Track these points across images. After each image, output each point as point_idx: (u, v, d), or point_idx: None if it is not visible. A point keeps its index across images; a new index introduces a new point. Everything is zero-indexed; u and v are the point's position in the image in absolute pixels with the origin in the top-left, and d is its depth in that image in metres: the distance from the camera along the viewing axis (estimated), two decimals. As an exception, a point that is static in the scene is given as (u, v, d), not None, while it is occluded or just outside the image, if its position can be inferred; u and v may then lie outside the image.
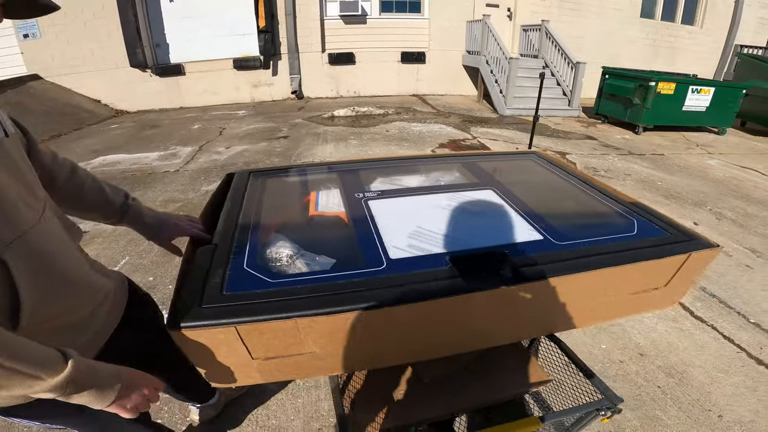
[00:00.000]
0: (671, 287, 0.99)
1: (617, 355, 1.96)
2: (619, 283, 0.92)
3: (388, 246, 0.92)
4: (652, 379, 1.83)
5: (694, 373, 1.87)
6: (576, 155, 5.11)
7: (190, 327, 0.70)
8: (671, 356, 1.96)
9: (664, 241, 0.96)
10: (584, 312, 0.98)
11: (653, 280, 0.96)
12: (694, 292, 2.45)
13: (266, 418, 1.59)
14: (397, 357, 0.87)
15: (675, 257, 0.91)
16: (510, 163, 1.61)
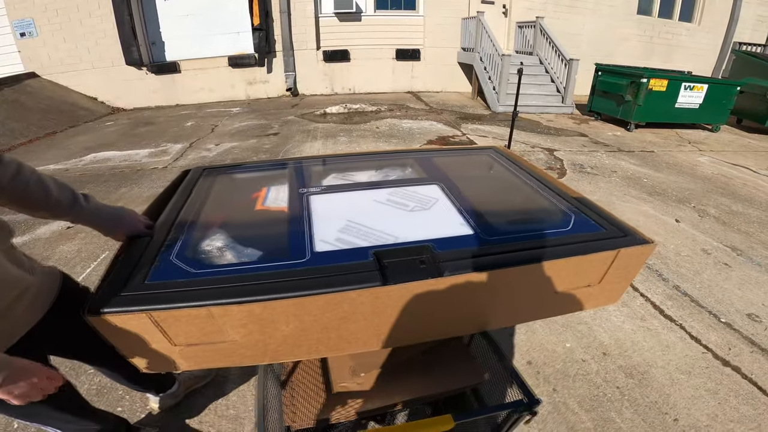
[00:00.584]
0: (606, 284, 1.00)
1: (580, 353, 1.97)
2: (548, 280, 0.94)
3: (316, 240, 0.94)
4: (611, 379, 1.82)
5: (655, 374, 1.85)
6: (564, 152, 5.11)
7: (105, 313, 0.73)
8: (635, 356, 1.96)
9: (596, 237, 0.98)
10: (514, 309, 1.00)
11: (584, 277, 0.98)
12: (666, 290, 2.45)
13: (225, 408, 1.62)
14: (318, 348, 0.89)
15: (604, 253, 0.93)
16: (466, 158, 1.63)
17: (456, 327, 0.99)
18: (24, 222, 3.25)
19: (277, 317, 0.80)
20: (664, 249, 2.90)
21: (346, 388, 1.10)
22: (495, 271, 0.85)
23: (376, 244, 0.93)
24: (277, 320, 0.80)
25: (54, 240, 2.94)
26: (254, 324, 0.80)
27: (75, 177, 4.26)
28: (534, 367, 1.88)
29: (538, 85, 7.78)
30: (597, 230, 1.01)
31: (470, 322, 0.99)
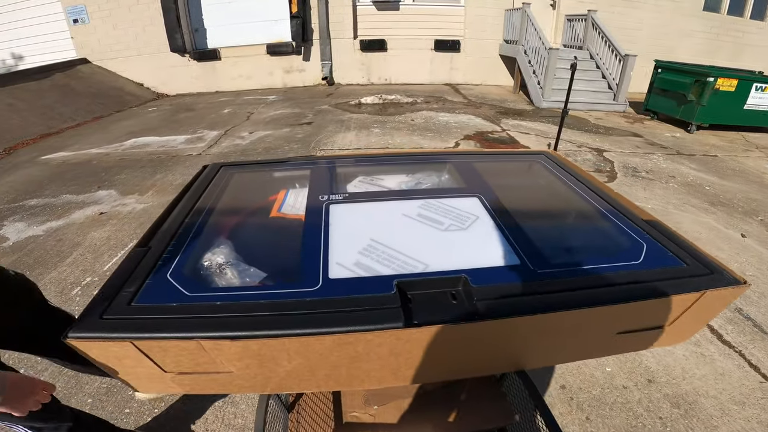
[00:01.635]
0: (677, 326, 0.82)
1: (622, 379, 1.77)
2: (607, 323, 0.77)
3: (331, 262, 0.80)
4: (654, 409, 1.63)
5: (704, 404, 1.66)
6: (615, 153, 4.72)
7: (80, 338, 0.63)
8: (683, 384, 1.75)
9: (674, 274, 0.79)
10: (559, 350, 0.83)
11: (652, 319, 0.80)
12: (727, 313, 2.17)
13: (233, 417, 1.55)
14: (327, 383, 0.76)
15: (683, 296, 0.74)
16: (512, 164, 1.44)
17: (488, 367, 0.84)
18: (61, 206, 3.34)
19: (277, 354, 0.67)
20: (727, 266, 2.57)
21: (357, 418, 0.97)
22: (543, 315, 0.69)
23: (401, 272, 0.78)
24: (278, 357, 0.68)
25: (87, 226, 2.99)
26: (251, 359, 0.68)
27: (114, 162, 4.37)
28: (567, 392, 1.70)
29: (587, 81, 7.29)
30: (675, 264, 0.82)
31: (505, 363, 0.84)
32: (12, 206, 3.36)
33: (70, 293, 2.26)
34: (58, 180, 3.91)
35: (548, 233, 0.96)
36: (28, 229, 2.97)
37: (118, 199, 3.41)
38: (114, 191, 3.60)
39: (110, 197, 3.47)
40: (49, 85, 7.22)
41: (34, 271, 2.47)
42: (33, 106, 6.47)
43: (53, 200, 3.45)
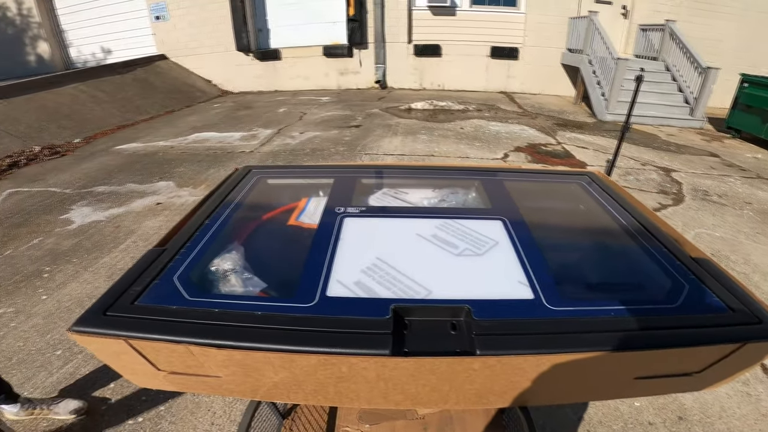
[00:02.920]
0: (707, 375, 0.72)
1: (650, 415, 1.61)
2: (625, 368, 0.69)
3: (332, 278, 0.79)
4: None
5: None
6: (685, 173, 4.31)
7: (81, 332, 0.66)
8: (718, 423, 1.58)
9: (713, 321, 0.69)
10: (568, 390, 0.76)
11: (678, 366, 0.70)
12: None
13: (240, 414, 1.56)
14: (315, 398, 0.74)
15: (718, 346, 0.66)
16: (550, 185, 1.33)
17: (485, 401, 0.77)
18: (125, 194, 3.64)
19: (261, 366, 0.67)
20: None
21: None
22: (548, 356, 0.63)
23: (401, 296, 0.74)
24: (263, 369, 0.68)
25: (143, 215, 3.23)
26: (237, 367, 0.68)
27: (176, 155, 4.70)
28: (585, 425, 1.57)
29: (660, 94, 6.74)
30: (718, 310, 0.71)
31: (506, 399, 0.77)
32: (82, 191, 3.71)
33: (120, 277, 2.46)
34: (126, 169, 4.27)
35: (574, 266, 0.88)
36: (93, 214, 3.27)
37: (174, 191, 3.66)
38: (172, 182, 3.86)
39: (168, 188, 3.73)
40: (131, 79, 7.93)
41: (91, 254, 2.70)
42: (114, 99, 7.14)
43: (119, 188, 3.77)
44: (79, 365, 1.86)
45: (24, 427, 1.57)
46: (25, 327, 2.09)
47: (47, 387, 1.75)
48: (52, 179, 4.05)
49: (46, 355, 1.91)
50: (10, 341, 1.99)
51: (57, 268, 2.55)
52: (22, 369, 1.84)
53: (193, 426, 1.56)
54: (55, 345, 1.97)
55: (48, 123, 5.70)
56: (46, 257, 2.68)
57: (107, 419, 1.60)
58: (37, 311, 2.19)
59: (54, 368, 1.84)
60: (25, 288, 2.37)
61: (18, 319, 2.14)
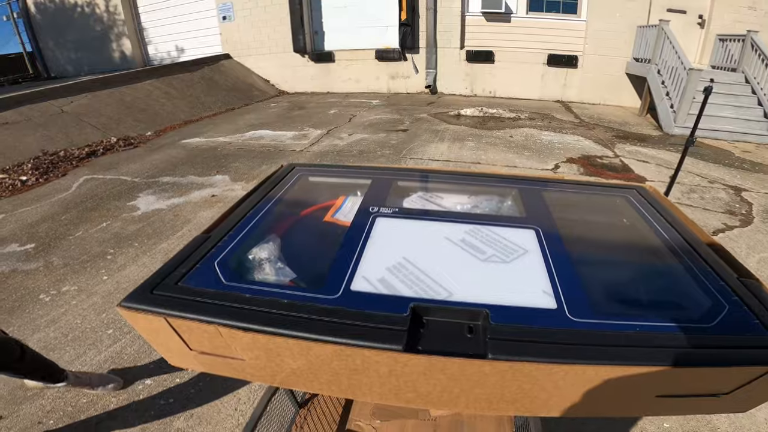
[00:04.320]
0: (737, 396, 0.68)
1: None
2: (645, 385, 0.66)
3: (357, 274, 0.82)
4: None
5: None
6: (758, 194, 3.92)
7: (128, 308, 0.74)
8: None
9: (747, 343, 0.65)
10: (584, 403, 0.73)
11: (705, 387, 0.67)
12: None
13: None
14: (330, 389, 0.78)
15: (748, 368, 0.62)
16: (593, 198, 1.28)
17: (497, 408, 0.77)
18: (186, 185, 3.93)
19: (282, 352, 0.71)
20: None
21: (360, 428, 0.98)
22: (561, 366, 0.62)
23: (421, 296, 0.76)
24: (283, 354, 0.72)
25: (199, 205, 3.47)
26: (260, 351, 0.73)
27: (233, 150, 5.00)
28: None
29: (737, 107, 6.18)
30: (755, 331, 0.67)
31: (517, 407, 0.75)
32: (149, 181, 4.06)
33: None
34: (189, 162, 4.61)
35: (606, 280, 0.85)
36: (156, 202, 3.56)
37: (228, 185, 3.90)
38: (227, 177, 4.12)
39: (223, 182, 3.98)
40: (198, 77, 8.54)
41: (151, 240, 2.95)
42: (183, 95, 7.73)
43: (181, 179, 4.08)
44: (126, 345, 2.01)
45: (64, 403, 1.69)
46: (85, 305, 2.29)
47: (95, 365, 1.89)
48: (124, 168, 4.46)
49: (98, 333, 2.09)
50: (69, 318, 2.17)
51: (120, 251, 2.81)
52: (75, 346, 2.00)
53: (218, 410, 1.66)
54: (108, 324, 2.15)
55: (125, 116, 6.28)
56: (111, 240, 2.95)
57: (142, 397, 1.73)
58: (97, 290, 2.41)
59: (103, 346, 2.01)
60: (90, 268, 2.62)
61: (80, 297, 2.35)
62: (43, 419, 1.60)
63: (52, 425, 1.57)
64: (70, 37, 10.84)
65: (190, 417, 1.61)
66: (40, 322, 2.08)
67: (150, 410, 1.65)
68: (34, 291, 2.34)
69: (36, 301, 2.25)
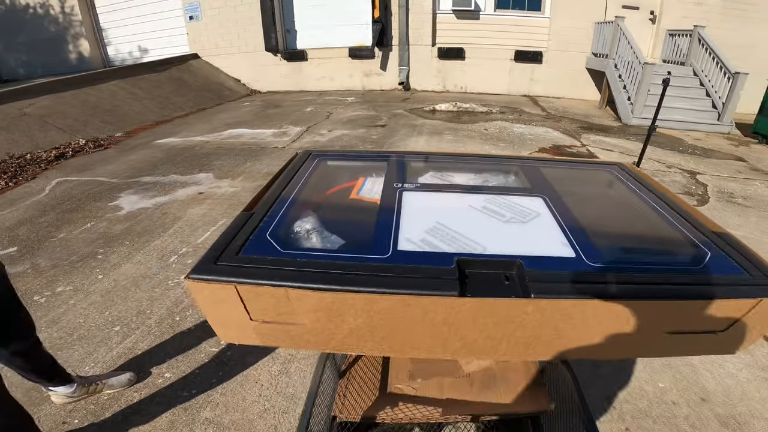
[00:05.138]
0: (730, 335, 0.82)
1: (673, 395, 1.71)
2: (657, 320, 0.79)
3: (401, 237, 0.92)
4: (701, 426, 1.57)
5: (755, 426, 1.58)
6: (710, 176, 4.30)
7: (198, 279, 0.80)
8: (739, 405, 1.66)
9: (733, 281, 0.80)
10: (604, 343, 0.86)
11: (705, 322, 0.81)
12: None
13: (285, 386, 1.73)
14: (381, 347, 0.87)
15: (740, 301, 0.75)
16: (582, 172, 1.45)
17: (534, 352, 0.89)
18: (169, 184, 3.87)
19: (346, 310, 0.79)
20: None
21: (400, 390, 1.07)
22: (591, 301, 0.74)
23: (462, 251, 0.87)
24: (346, 312, 0.80)
25: (188, 203, 3.44)
26: (323, 312, 0.81)
27: (213, 149, 4.94)
28: (612, 401, 1.68)
29: (687, 99, 6.69)
30: (737, 273, 0.82)
31: (552, 350, 0.88)
32: (129, 181, 3.96)
33: (168, 260, 2.64)
34: (168, 162, 4.52)
35: (609, 234, 0.99)
36: (140, 201, 3.50)
37: (214, 182, 3.88)
38: (211, 174, 4.08)
39: (208, 179, 3.95)
40: (166, 78, 8.29)
41: (142, 238, 2.91)
42: (151, 96, 7.49)
43: (163, 179, 4.01)
44: (137, 340, 1.99)
45: (86, 402, 1.67)
46: (84, 304, 2.25)
47: (107, 362, 1.86)
48: (99, 170, 4.33)
49: (105, 330, 2.06)
50: (70, 317, 2.13)
51: (111, 250, 2.76)
52: (84, 344, 1.96)
53: (242, 397, 1.69)
54: (114, 321, 2.12)
55: (92, 117, 6.04)
56: (99, 240, 2.89)
57: (164, 391, 1.73)
58: (94, 289, 2.37)
59: (113, 343, 1.99)
60: (82, 268, 2.57)
61: (77, 296, 2.31)
62: (67, 419, 1.59)
63: (77, 424, 1.56)
64: (22, 39, 10.22)
65: (216, 406, 1.64)
66: (40, 323, 2.03)
67: (174, 402, 1.66)
68: (26, 293, 2.27)
69: (30, 303, 2.19)
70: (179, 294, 2.34)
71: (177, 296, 2.31)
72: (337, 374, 1.23)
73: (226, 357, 1.89)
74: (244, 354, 1.90)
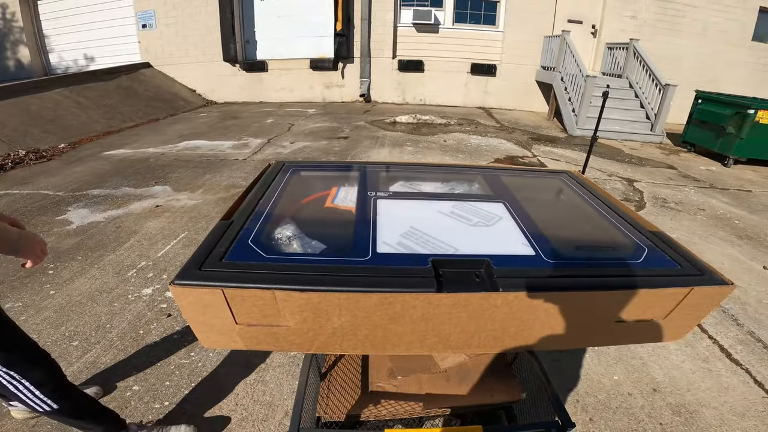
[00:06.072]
0: (671, 321, 0.95)
1: (628, 387, 1.88)
2: (607, 309, 0.90)
3: (378, 241, 0.98)
4: (656, 415, 1.73)
5: (705, 414, 1.75)
6: (646, 183, 4.73)
7: (183, 285, 0.82)
8: (687, 395, 1.85)
9: (668, 273, 0.93)
10: (566, 333, 0.96)
11: (648, 311, 0.93)
12: (739, 335, 2.25)
13: (262, 394, 1.72)
14: (364, 345, 0.93)
15: (674, 289, 0.88)
16: (536, 180, 1.59)
17: (503, 343, 0.98)
18: (121, 197, 3.70)
19: (331, 309, 0.84)
20: (745, 295, 2.65)
21: (381, 388, 1.12)
22: (551, 293, 0.84)
23: (436, 252, 0.95)
24: (331, 312, 0.85)
25: (144, 216, 3.31)
26: (309, 312, 0.85)
27: (169, 161, 4.77)
28: (574, 395, 1.82)
29: (624, 110, 7.30)
30: (671, 266, 0.95)
31: (519, 341, 0.97)
32: (77, 194, 3.75)
33: (126, 274, 2.53)
34: (118, 174, 4.31)
35: (561, 235, 1.10)
36: (91, 215, 3.32)
37: (171, 195, 3.75)
38: (168, 187, 3.94)
39: (165, 192, 3.81)
40: (114, 86, 7.90)
41: (95, 252, 2.77)
42: (98, 105, 7.10)
43: (114, 191, 3.82)
44: (99, 354, 1.91)
45: None
46: (37, 320, 2.13)
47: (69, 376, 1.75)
48: (42, 182, 4.05)
49: (63, 346, 1.96)
50: None
51: (62, 266, 2.61)
52: None
53: (219, 407, 1.66)
54: (71, 336, 2.02)
55: (32, 127, 5.64)
56: (49, 255, 2.72)
57: (134, 404, 1.67)
58: (47, 305, 2.23)
59: (73, 358, 1.90)
60: (31, 284, 2.41)
61: (28, 312, 2.17)
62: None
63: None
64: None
65: (191, 418, 1.60)
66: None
67: (148, 414, 1.61)
68: (-36, 315, 2.10)
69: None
70: (141, 308, 2.25)
71: (139, 310, 2.22)
72: (319, 376, 1.26)
73: (197, 368, 1.85)
74: (216, 365, 1.87)
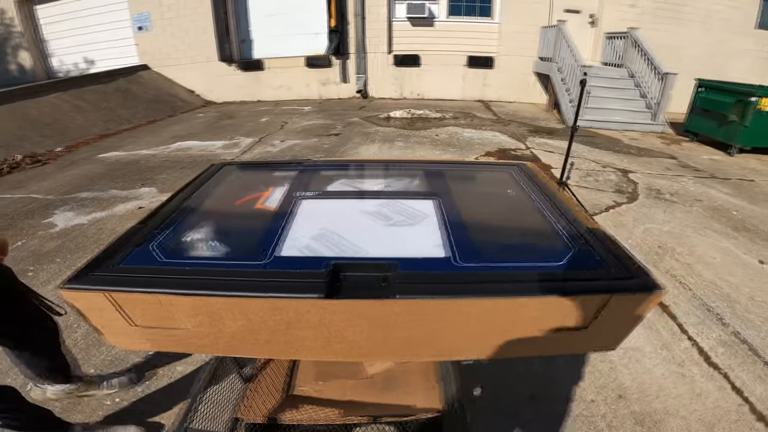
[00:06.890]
0: (597, 329, 0.88)
1: (591, 393, 1.77)
2: (518, 317, 0.85)
3: (285, 243, 0.95)
4: (617, 425, 1.62)
5: (670, 424, 1.63)
6: (642, 174, 4.60)
7: (69, 289, 0.81)
8: (655, 403, 1.73)
9: (588, 276, 0.86)
10: (479, 342, 0.91)
11: (566, 319, 0.87)
12: (723, 336, 2.11)
13: None
14: (269, 349, 0.90)
15: (589, 297, 0.81)
16: (484, 174, 1.53)
17: (414, 353, 0.94)
18: (107, 200, 3.74)
19: (224, 313, 0.82)
20: (736, 292, 2.50)
21: (304, 392, 1.10)
22: (455, 300, 0.79)
23: (341, 255, 0.91)
24: (225, 316, 0.82)
25: (126, 218, 3.34)
26: (204, 316, 0.83)
27: (159, 162, 4.80)
28: (537, 401, 1.74)
29: (624, 100, 7.12)
30: (596, 268, 0.88)
31: (431, 350, 0.93)
32: (65, 197, 3.80)
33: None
34: (108, 176, 4.36)
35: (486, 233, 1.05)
36: (76, 218, 3.36)
37: (156, 196, 3.77)
38: (154, 188, 3.97)
39: (150, 194, 3.84)
40: (113, 89, 7.99)
41: (74, 255, 2.80)
42: (96, 108, 7.20)
43: (101, 194, 3.86)
44: None
45: None
46: (10, 323, 2.16)
47: None
48: (34, 186, 4.12)
49: None
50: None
51: (41, 268, 2.64)
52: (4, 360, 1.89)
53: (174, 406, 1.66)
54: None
55: (30, 132, 5.74)
56: (30, 258, 2.76)
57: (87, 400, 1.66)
58: (20, 308, 2.27)
59: None
60: (9, 288, 2.45)
61: (3, 316, 2.21)
62: None
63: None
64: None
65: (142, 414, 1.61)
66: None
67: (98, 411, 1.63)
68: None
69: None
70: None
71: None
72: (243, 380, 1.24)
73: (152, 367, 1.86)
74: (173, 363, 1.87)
